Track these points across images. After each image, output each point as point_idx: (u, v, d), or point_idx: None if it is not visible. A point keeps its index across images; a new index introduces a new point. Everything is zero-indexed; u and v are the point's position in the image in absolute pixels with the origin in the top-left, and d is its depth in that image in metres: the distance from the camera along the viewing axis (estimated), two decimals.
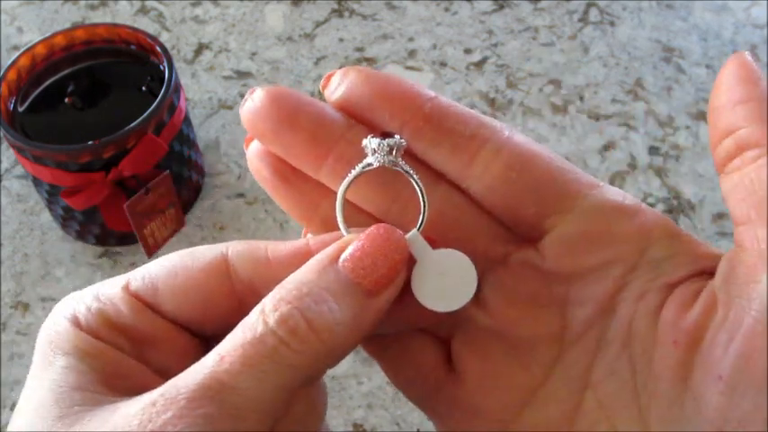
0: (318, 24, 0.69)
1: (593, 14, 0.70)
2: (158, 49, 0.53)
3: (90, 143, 0.48)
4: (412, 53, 0.67)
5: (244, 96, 0.25)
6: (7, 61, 0.54)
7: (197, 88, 0.65)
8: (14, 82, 0.53)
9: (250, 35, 0.69)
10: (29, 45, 0.54)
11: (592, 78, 0.65)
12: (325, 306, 0.20)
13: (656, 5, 0.70)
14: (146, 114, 0.49)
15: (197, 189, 0.58)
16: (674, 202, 0.57)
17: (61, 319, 0.22)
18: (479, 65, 0.66)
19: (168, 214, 0.54)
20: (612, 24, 0.69)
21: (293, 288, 0.20)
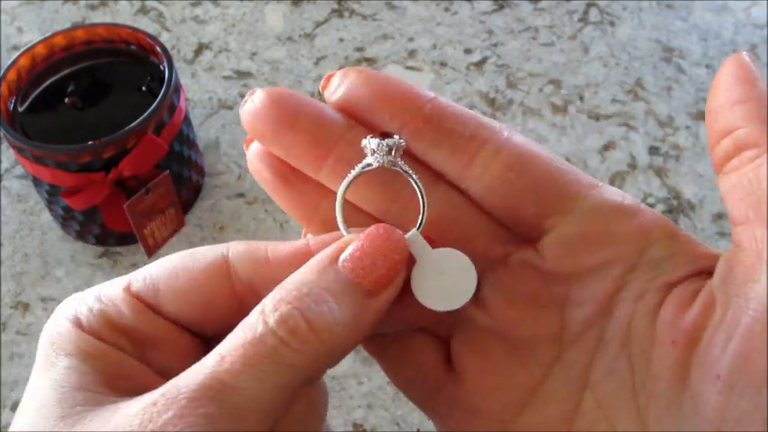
0: (318, 24, 0.69)
1: (593, 14, 0.70)
2: (158, 49, 0.53)
3: (90, 143, 0.48)
4: (412, 53, 0.67)
5: (244, 96, 0.25)
6: (7, 61, 0.54)
7: (197, 88, 0.65)
8: (14, 82, 0.53)
9: (250, 35, 0.69)
10: (29, 45, 0.54)
11: (592, 78, 0.65)
12: (325, 306, 0.20)
13: (656, 5, 0.70)
14: (146, 114, 0.49)
15: (197, 189, 0.58)
16: (674, 202, 0.57)
17: (63, 321, 0.22)
18: (479, 65, 0.66)
19: (168, 214, 0.54)
20: (612, 24, 0.69)
21: (293, 288, 0.20)
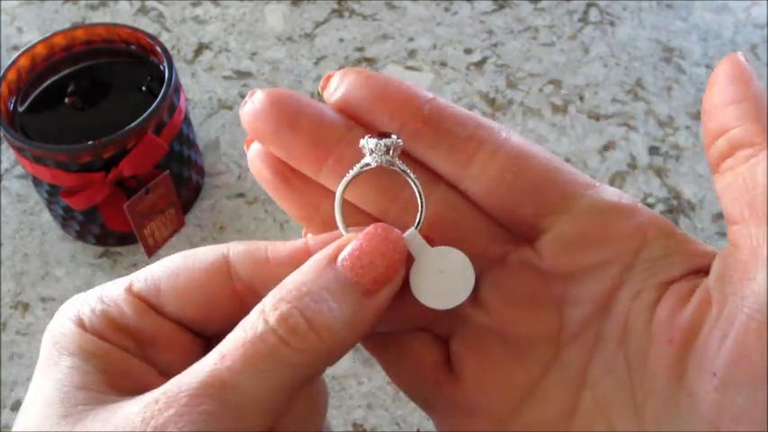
0: (318, 24, 0.69)
1: (593, 14, 0.70)
2: (158, 49, 0.53)
3: (90, 143, 0.48)
4: (412, 53, 0.67)
5: (244, 96, 0.25)
6: (7, 61, 0.54)
7: (197, 88, 0.65)
8: (14, 82, 0.53)
9: (250, 35, 0.69)
10: (29, 45, 0.54)
11: (592, 78, 0.65)
12: (325, 305, 0.20)
13: (656, 5, 0.70)
14: (146, 114, 0.49)
15: (197, 189, 0.58)
16: (674, 202, 0.57)
17: (66, 321, 0.22)
18: (479, 65, 0.66)
19: (168, 214, 0.54)
20: (612, 24, 0.69)
21: (293, 288, 0.21)
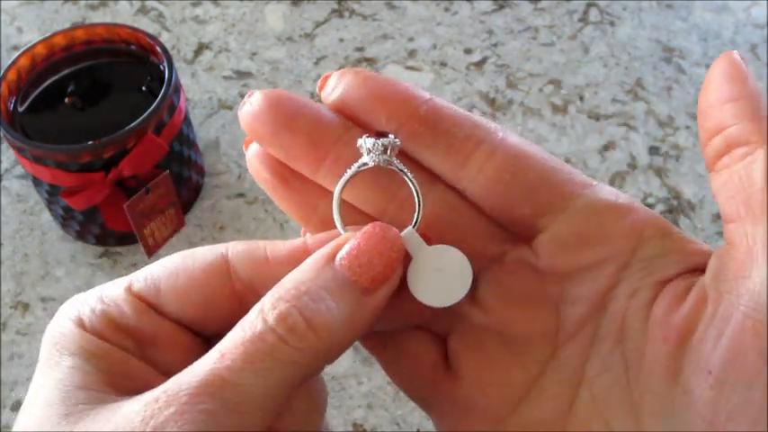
0: (318, 24, 0.69)
1: (593, 14, 0.70)
2: (158, 49, 0.53)
3: (90, 143, 0.48)
4: (412, 53, 0.67)
5: (244, 97, 0.25)
6: (7, 61, 0.54)
7: (197, 88, 0.65)
8: (14, 82, 0.53)
9: (250, 35, 0.69)
10: (29, 45, 0.54)
11: (592, 78, 0.65)
12: (323, 304, 0.20)
13: (656, 5, 0.70)
14: (146, 114, 0.49)
15: (197, 189, 0.58)
16: (674, 202, 0.57)
17: (66, 321, 0.22)
18: (479, 65, 0.66)
19: (168, 214, 0.54)
20: (612, 24, 0.69)
21: (291, 287, 0.21)
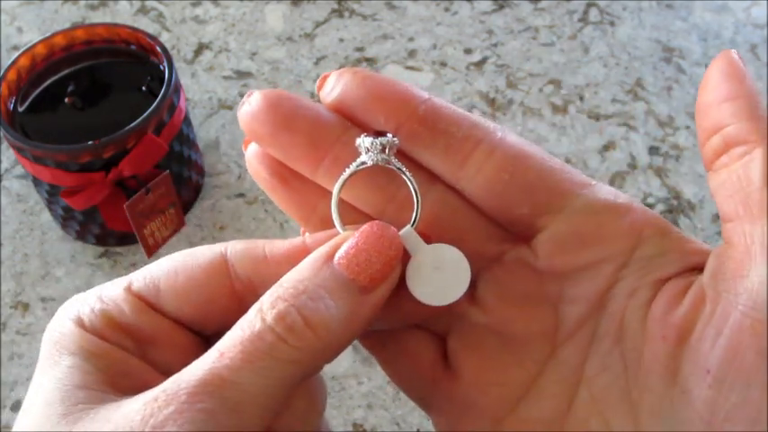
0: (318, 24, 0.69)
1: (593, 14, 0.70)
2: (158, 49, 0.53)
3: (90, 143, 0.48)
4: (412, 53, 0.67)
5: (243, 97, 0.25)
6: (7, 61, 0.54)
7: (197, 88, 0.65)
8: (14, 82, 0.53)
9: (250, 35, 0.69)
10: (29, 45, 0.54)
11: (592, 78, 0.65)
12: (321, 303, 0.20)
13: (656, 5, 0.70)
14: (146, 114, 0.49)
15: (197, 189, 0.58)
16: (674, 202, 0.57)
17: (66, 321, 0.22)
18: (479, 65, 0.66)
19: (168, 214, 0.54)
20: (612, 24, 0.69)
21: (290, 286, 0.21)
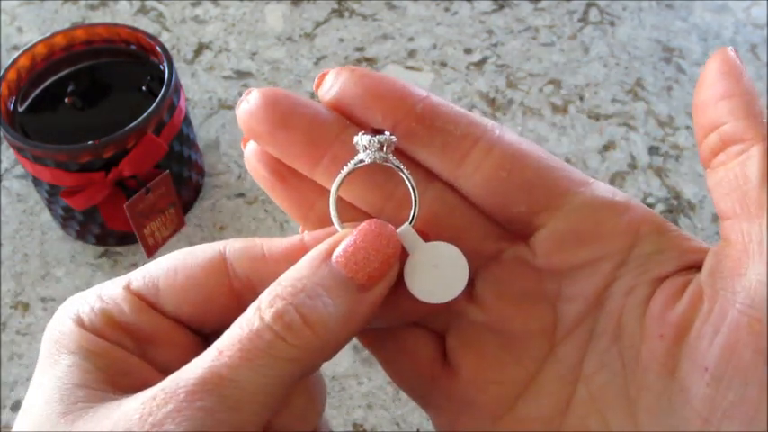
0: (318, 24, 0.69)
1: (593, 14, 0.70)
2: (158, 49, 0.53)
3: (90, 143, 0.48)
4: (412, 53, 0.67)
5: None
6: (7, 61, 0.54)
7: (197, 88, 0.65)
8: (14, 82, 0.53)
9: (250, 35, 0.69)
10: (29, 45, 0.54)
11: (592, 78, 0.65)
12: (320, 301, 0.20)
13: (656, 5, 0.70)
14: (146, 114, 0.49)
15: (197, 189, 0.58)
16: (674, 202, 0.57)
17: (66, 320, 0.22)
18: (479, 65, 0.66)
19: (168, 214, 0.54)
20: (612, 24, 0.69)
21: (288, 284, 0.21)
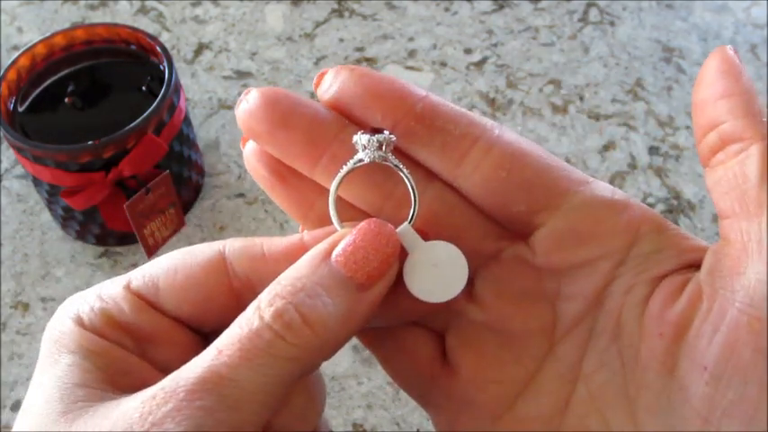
0: (318, 24, 0.69)
1: (593, 14, 0.70)
2: (158, 49, 0.53)
3: (90, 143, 0.48)
4: (412, 53, 0.67)
5: None
6: (7, 61, 0.54)
7: (197, 88, 0.65)
8: (14, 82, 0.53)
9: (250, 35, 0.69)
10: (29, 45, 0.54)
11: (592, 78, 0.65)
12: (319, 300, 0.20)
13: (656, 5, 0.70)
14: (146, 114, 0.49)
15: (197, 189, 0.58)
16: (674, 202, 0.57)
17: (65, 319, 0.22)
18: (479, 65, 0.66)
19: (168, 214, 0.54)
20: (612, 24, 0.69)
21: (288, 284, 0.21)
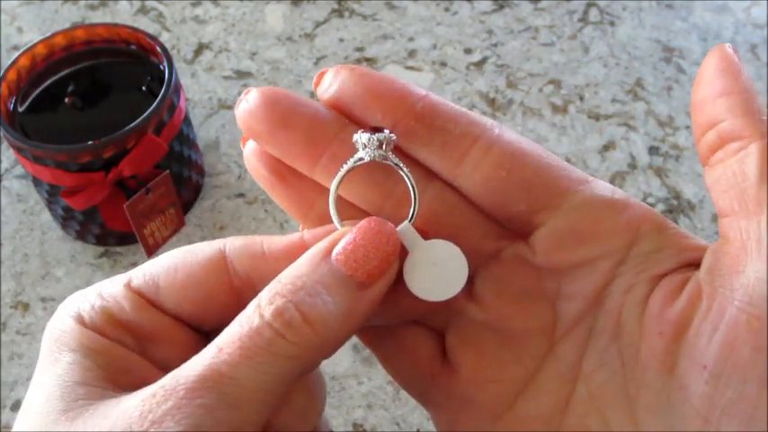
0: (318, 24, 0.69)
1: (593, 14, 0.70)
2: (158, 49, 0.53)
3: (90, 143, 0.48)
4: (412, 53, 0.67)
5: None
6: (7, 61, 0.54)
7: (197, 88, 0.65)
8: (14, 82, 0.53)
9: (250, 35, 0.69)
10: (29, 45, 0.54)
11: (592, 78, 0.65)
12: (319, 299, 0.20)
13: (656, 5, 0.70)
14: (146, 114, 0.49)
15: (197, 189, 0.58)
16: (674, 202, 0.57)
17: (66, 318, 0.22)
18: (479, 65, 0.66)
19: (168, 214, 0.54)
20: (612, 24, 0.69)
21: (288, 282, 0.21)
